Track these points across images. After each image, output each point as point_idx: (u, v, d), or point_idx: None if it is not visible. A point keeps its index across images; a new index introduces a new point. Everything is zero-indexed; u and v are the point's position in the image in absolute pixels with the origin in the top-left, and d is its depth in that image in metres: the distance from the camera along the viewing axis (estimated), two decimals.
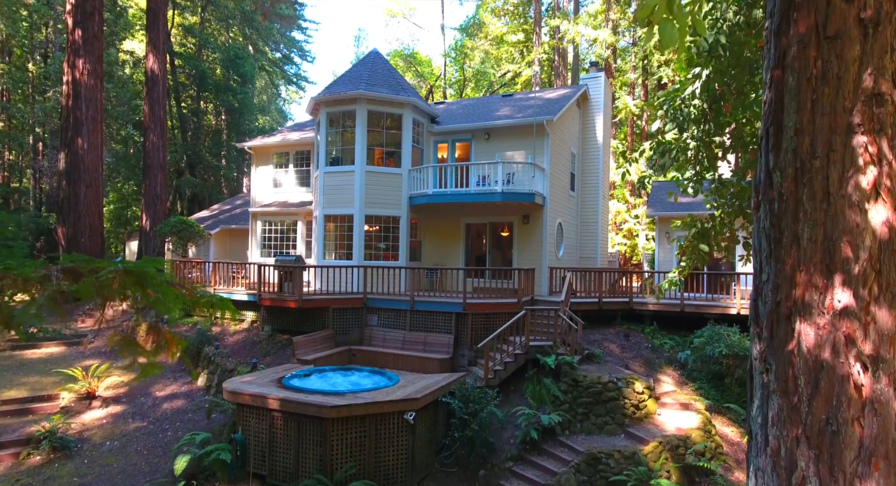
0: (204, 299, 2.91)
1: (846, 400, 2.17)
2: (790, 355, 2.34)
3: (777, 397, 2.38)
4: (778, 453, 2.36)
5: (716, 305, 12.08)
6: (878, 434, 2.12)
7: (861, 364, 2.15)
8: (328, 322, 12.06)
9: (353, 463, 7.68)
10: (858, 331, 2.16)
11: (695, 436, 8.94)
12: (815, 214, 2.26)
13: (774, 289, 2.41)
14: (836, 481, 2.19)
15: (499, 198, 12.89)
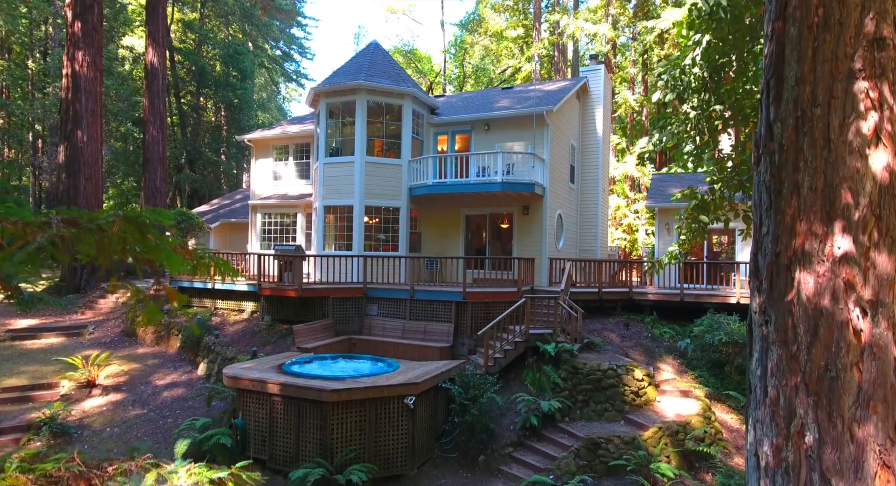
0: (204, 258, 2.90)
1: (845, 346, 2.17)
2: (790, 305, 2.34)
3: (776, 347, 2.39)
4: (777, 402, 2.37)
5: (715, 294, 12.09)
6: (877, 378, 2.12)
7: (860, 309, 2.15)
8: (328, 312, 12.06)
9: (353, 447, 7.68)
10: (858, 277, 2.16)
11: (694, 422, 8.95)
12: (815, 162, 2.26)
13: (774, 240, 2.41)
14: (834, 426, 2.19)
15: (499, 188, 12.88)
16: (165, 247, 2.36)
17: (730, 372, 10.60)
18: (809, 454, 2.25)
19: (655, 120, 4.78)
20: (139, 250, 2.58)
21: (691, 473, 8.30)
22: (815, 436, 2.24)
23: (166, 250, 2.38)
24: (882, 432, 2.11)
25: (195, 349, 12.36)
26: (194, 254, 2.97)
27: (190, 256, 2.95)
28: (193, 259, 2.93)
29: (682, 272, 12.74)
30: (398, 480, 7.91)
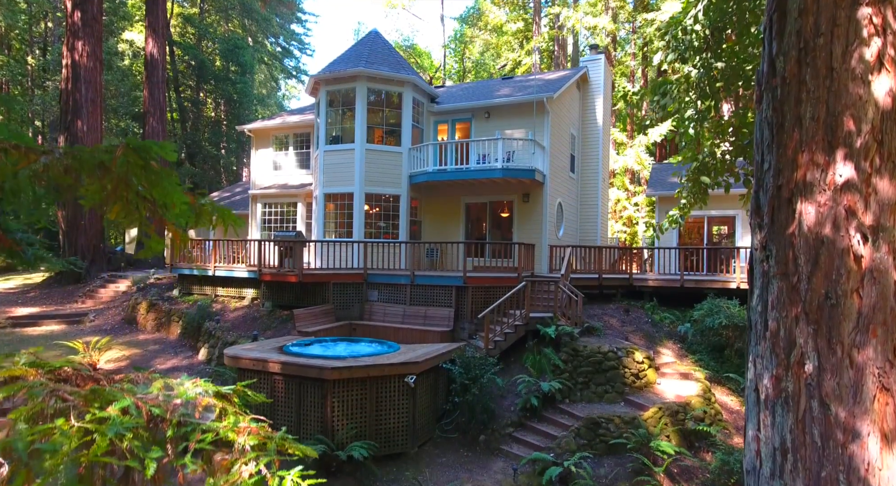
0: (207, 206, 2.90)
1: (846, 272, 2.18)
2: (790, 238, 2.35)
3: (777, 280, 2.39)
4: (777, 334, 2.38)
5: (715, 279, 12.10)
6: (877, 302, 2.13)
7: (861, 235, 2.16)
8: (328, 297, 12.07)
9: (353, 425, 7.70)
10: (859, 203, 2.17)
11: (694, 402, 8.97)
12: (817, 92, 2.27)
13: (776, 174, 2.42)
14: (834, 353, 2.20)
15: (499, 174, 12.88)
16: (169, 181, 2.36)
17: (730, 356, 10.61)
18: (809, 383, 2.27)
19: (657, 85, 4.79)
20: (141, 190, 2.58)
21: (691, 452, 8.32)
22: (814, 364, 2.25)
23: (171, 184, 2.38)
24: (881, 355, 2.12)
25: (196, 335, 12.38)
26: (197, 201, 2.97)
27: (193, 201, 2.95)
28: (196, 205, 2.93)
29: (682, 260, 12.75)
30: (399, 458, 7.92)
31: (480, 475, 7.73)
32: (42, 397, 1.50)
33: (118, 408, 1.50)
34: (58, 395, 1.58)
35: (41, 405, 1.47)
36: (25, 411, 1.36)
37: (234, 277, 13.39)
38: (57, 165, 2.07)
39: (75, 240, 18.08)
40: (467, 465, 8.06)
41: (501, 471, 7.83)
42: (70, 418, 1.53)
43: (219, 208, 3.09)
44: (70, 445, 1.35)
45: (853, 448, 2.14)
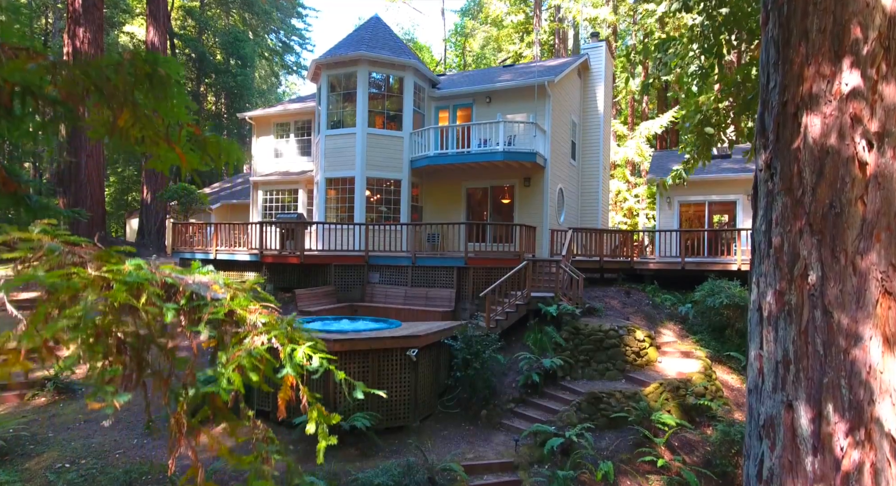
0: (212, 138, 2.90)
1: (850, 180, 2.19)
2: (795, 152, 2.35)
3: (781, 196, 2.40)
4: (781, 249, 2.39)
5: (716, 262, 12.12)
6: (881, 208, 2.14)
7: (866, 142, 2.17)
8: (330, 279, 12.09)
9: (355, 397, 7.71)
10: (865, 110, 2.17)
11: (695, 378, 8.99)
12: (824, 3, 2.27)
13: (781, 91, 2.42)
14: (837, 261, 2.21)
15: (500, 157, 12.88)
16: (179, 96, 2.36)
17: (731, 335, 10.63)
18: (812, 293, 2.28)
19: (661, 42, 4.78)
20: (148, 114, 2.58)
21: (692, 427, 8.34)
22: (818, 274, 2.26)
23: (179, 98, 2.39)
24: (884, 259, 2.13)
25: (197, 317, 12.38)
26: (202, 131, 2.97)
27: (198, 131, 2.96)
28: (200, 137, 2.94)
29: (683, 242, 12.76)
30: (401, 431, 7.95)
31: (482, 446, 7.76)
32: (59, 252, 1.51)
33: (133, 264, 1.51)
34: (75, 253, 1.59)
35: (58, 258, 1.48)
36: (44, 262, 1.37)
37: (236, 260, 13.41)
38: (63, 68, 2.08)
39: (76, 227, 18.08)
40: (469, 438, 8.09)
41: (503, 443, 7.85)
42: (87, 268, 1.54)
43: (223, 141, 3.10)
44: (89, 293, 1.35)
45: (855, 353, 2.15)
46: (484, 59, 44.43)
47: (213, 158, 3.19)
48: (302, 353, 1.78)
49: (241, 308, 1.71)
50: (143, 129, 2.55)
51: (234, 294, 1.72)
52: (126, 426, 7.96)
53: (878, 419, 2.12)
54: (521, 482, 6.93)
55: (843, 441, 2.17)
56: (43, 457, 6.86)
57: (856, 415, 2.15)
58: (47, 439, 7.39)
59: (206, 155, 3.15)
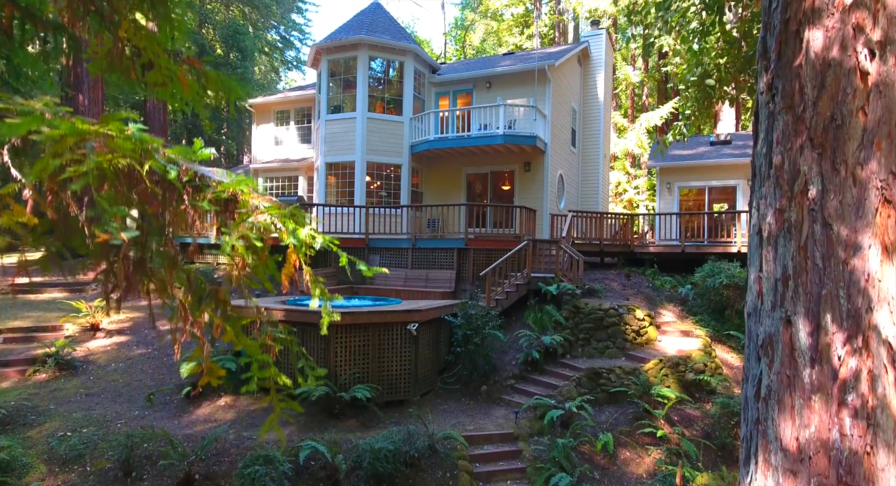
0: (212, 73, 2.91)
1: (852, 91, 2.20)
2: (797, 69, 2.36)
3: (783, 114, 2.41)
4: (782, 167, 2.40)
5: (716, 243, 12.15)
6: (882, 116, 2.15)
7: (868, 51, 2.17)
8: (330, 261, 12.11)
9: (356, 370, 7.75)
10: (868, 19, 2.18)
11: (695, 355, 9.01)
12: None
13: (783, 9, 2.43)
14: (837, 173, 2.22)
15: (500, 140, 12.88)
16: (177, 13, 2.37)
17: (730, 316, 10.65)
18: (812, 208, 2.29)
19: (661, 2, 4.78)
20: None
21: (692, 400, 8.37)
22: (818, 188, 2.27)
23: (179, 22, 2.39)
24: (884, 168, 2.14)
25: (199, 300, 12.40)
26: (203, 66, 2.98)
27: (198, 65, 2.96)
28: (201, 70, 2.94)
29: (683, 227, 12.77)
30: (401, 405, 7.97)
31: (482, 419, 7.78)
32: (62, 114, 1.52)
33: (137, 128, 1.51)
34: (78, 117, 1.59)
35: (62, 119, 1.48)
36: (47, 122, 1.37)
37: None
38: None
39: None
40: (469, 411, 8.11)
41: (503, 417, 7.88)
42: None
43: (224, 76, 3.10)
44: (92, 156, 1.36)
45: (854, 262, 2.17)
46: (484, 53, 44.34)
47: (214, 95, 3.19)
48: (306, 232, 1.79)
49: (244, 193, 1.71)
50: (145, 51, 2.55)
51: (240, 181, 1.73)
52: (127, 400, 7.99)
53: (875, 326, 2.14)
54: (520, 451, 6.96)
55: (840, 351, 2.19)
56: (44, 426, 6.88)
57: (853, 324, 2.17)
58: (49, 410, 7.42)
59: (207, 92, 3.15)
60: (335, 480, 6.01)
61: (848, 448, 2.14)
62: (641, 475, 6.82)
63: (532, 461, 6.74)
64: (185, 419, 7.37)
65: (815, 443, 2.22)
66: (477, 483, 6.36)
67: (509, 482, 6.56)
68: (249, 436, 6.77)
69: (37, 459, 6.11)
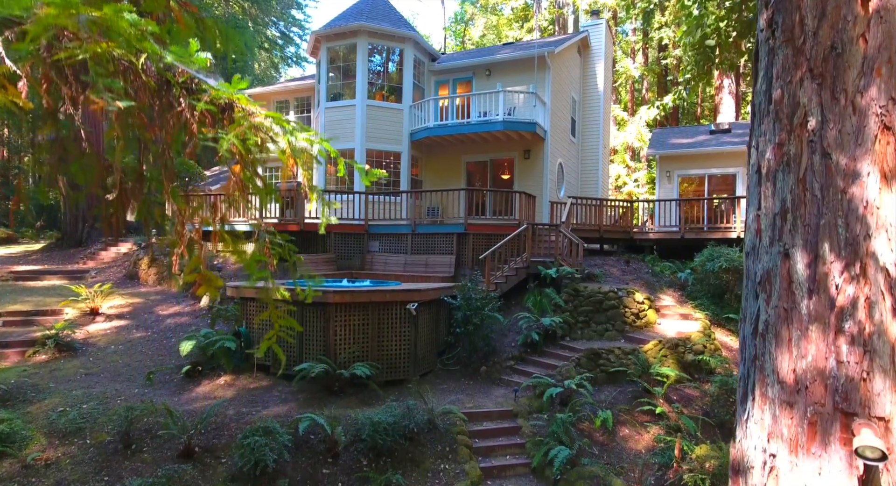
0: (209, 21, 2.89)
1: (852, 18, 2.20)
2: (797, 2, 2.36)
3: (783, 48, 2.41)
4: (781, 101, 2.40)
5: (716, 228, 12.14)
6: (882, 42, 2.15)
7: None
8: (330, 247, 12.11)
9: (356, 349, 7.75)
10: None
11: (694, 337, 9.02)
12: None
13: None
14: (837, 102, 2.22)
15: (500, 127, 12.86)
16: None
17: (729, 300, 10.64)
18: (811, 139, 2.29)
19: None
20: None
21: (690, 378, 8.38)
22: (817, 119, 2.27)
23: None
24: (884, 94, 2.14)
25: None
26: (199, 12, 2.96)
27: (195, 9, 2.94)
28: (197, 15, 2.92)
29: (683, 213, 12.77)
30: (400, 384, 7.98)
31: (481, 398, 7.80)
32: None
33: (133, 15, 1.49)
34: None
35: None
36: None
37: (235, 231, 13.39)
38: None
39: (76, 204, 18.09)
40: (468, 391, 8.13)
41: (502, 396, 7.89)
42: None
43: (222, 25, 3.09)
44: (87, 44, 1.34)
45: (853, 190, 2.17)
46: (483, 47, 44.29)
47: (212, 44, 3.16)
48: (304, 136, 1.79)
49: (240, 100, 1.71)
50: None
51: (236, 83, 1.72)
52: (127, 379, 8.00)
53: (873, 253, 2.14)
54: (519, 427, 6.97)
55: (838, 279, 2.19)
56: (44, 403, 6.89)
57: (851, 252, 2.17)
58: (48, 388, 7.43)
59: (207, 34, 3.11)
60: (335, 453, 6.02)
61: (844, 375, 2.15)
62: (640, 450, 6.84)
63: (531, 437, 6.75)
64: (185, 396, 7.38)
65: (812, 372, 2.22)
66: (476, 457, 6.37)
67: (508, 456, 6.57)
68: (249, 412, 6.78)
69: (37, 432, 6.12)
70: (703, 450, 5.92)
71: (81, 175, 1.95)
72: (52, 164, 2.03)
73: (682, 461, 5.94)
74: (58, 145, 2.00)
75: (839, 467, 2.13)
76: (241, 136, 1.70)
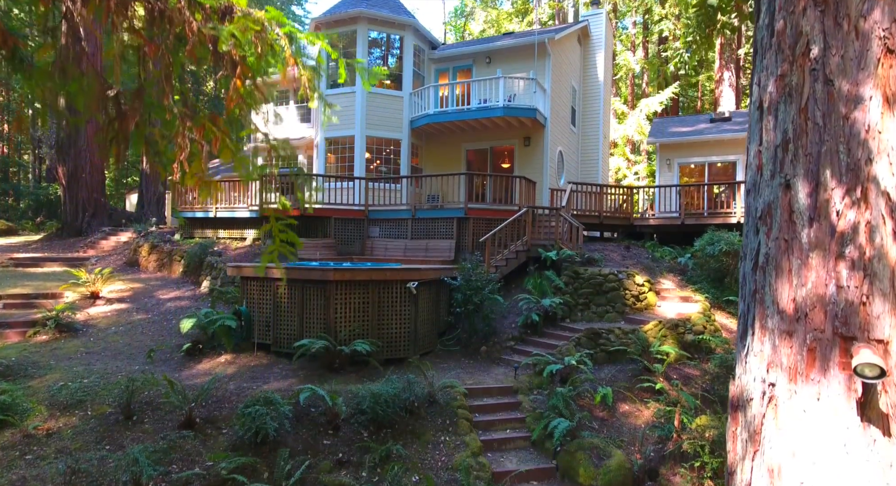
0: None
1: None
2: None
3: None
4: (783, 32, 2.39)
5: (716, 213, 12.15)
6: None
7: None
8: (330, 232, 12.11)
9: (356, 327, 7.76)
10: None
11: (694, 318, 9.03)
12: None
13: None
14: (840, 28, 2.22)
15: (500, 113, 12.85)
16: None
17: (729, 283, 10.64)
18: (813, 68, 2.29)
19: None
20: None
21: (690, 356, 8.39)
22: (820, 46, 2.27)
23: None
24: (887, 16, 2.14)
25: (197, 272, 12.41)
26: None
27: None
28: None
29: (683, 200, 12.76)
30: (401, 363, 7.99)
31: (481, 376, 7.81)
32: None
33: None
34: None
35: None
36: None
37: (236, 217, 13.42)
38: None
39: (76, 193, 18.08)
40: (468, 369, 8.14)
41: (502, 374, 7.90)
42: None
43: None
44: None
45: (855, 115, 2.17)
46: None
47: None
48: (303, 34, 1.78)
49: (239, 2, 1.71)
50: None
51: None
52: (128, 357, 8.01)
53: (874, 177, 2.14)
54: (519, 403, 6.99)
55: (839, 205, 2.19)
56: (45, 378, 6.90)
57: (853, 177, 2.17)
58: (49, 365, 7.44)
59: None
60: (335, 425, 6.03)
61: (844, 300, 2.15)
62: (640, 425, 6.85)
63: (531, 412, 6.76)
64: (186, 373, 7.39)
65: (812, 299, 2.23)
66: (476, 431, 6.38)
67: (508, 430, 6.58)
68: (250, 387, 6.79)
69: (38, 404, 6.13)
70: (703, 420, 5.93)
71: (81, 96, 1.94)
72: (51, 89, 2.03)
73: (683, 432, 5.95)
74: (57, 66, 1.99)
75: (838, 391, 2.14)
76: (242, 28, 1.70)
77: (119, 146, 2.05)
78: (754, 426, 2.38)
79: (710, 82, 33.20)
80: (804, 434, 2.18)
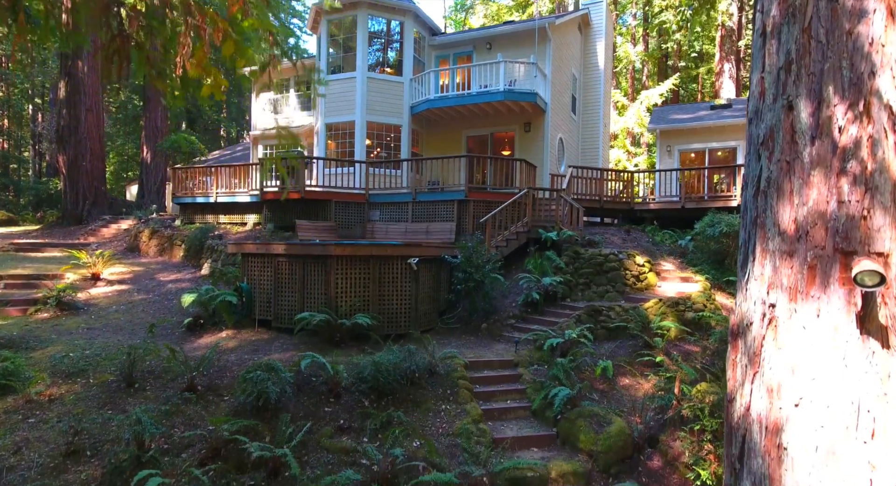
0: None
1: None
2: None
3: None
4: None
5: (717, 197, 12.15)
6: None
7: None
8: (331, 216, 12.12)
9: (357, 301, 7.77)
10: None
11: (695, 297, 9.04)
12: None
13: None
14: None
15: (500, 97, 12.84)
16: None
17: (730, 265, 10.65)
18: None
19: None
20: None
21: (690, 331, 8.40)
22: None
23: None
24: None
25: (198, 256, 12.43)
26: None
27: None
28: None
29: (684, 183, 12.76)
30: (401, 338, 7.99)
31: (482, 351, 7.82)
32: None
33: None
34: None
35: None
36: None
37: (237, 202, 13.43)
38: None
39: (77, 181, 18.08)
40: (469, 345, 8.15)
41: (503, 349, 7.92)
42: None
43: None
44: None
45: (858, 29, 2.17)
46: None
47: None
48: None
49: None
50: None
51: None
52: (129, 332, 8.03)
53: (877, 91, 2.14)
54: (520, 375, 7.00)
55: (841, 121, 2.19)
56: (47, 350, 6.92)
57: (855, 91, 2.17)
58: (51, 339, 7.46)
59: None
60: (336, 393, 6.05)
61: (845, 215, 2.16)
62: (640, 397, 6.86)
63: (531, 383, 6.78)
64: (187, 346, 7.40)
65: (813, 217, 2.23)
66: (477, 401, 6.40)
67: (509, 401, 6.60)
68: (251, 358, 6.81)
69: (40, 373, 6.15)
70: (703, 386, 5.94)
71: (85, 8, 1.94)
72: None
73: (682, 399, 5.97)
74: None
75: (838, 306, 2.14)
76: None
77: (121, 63, 2.05)
78: (754, 348, 2.38)
79: (710, 75, 33.19)
80: (804, 351, 2.19)
